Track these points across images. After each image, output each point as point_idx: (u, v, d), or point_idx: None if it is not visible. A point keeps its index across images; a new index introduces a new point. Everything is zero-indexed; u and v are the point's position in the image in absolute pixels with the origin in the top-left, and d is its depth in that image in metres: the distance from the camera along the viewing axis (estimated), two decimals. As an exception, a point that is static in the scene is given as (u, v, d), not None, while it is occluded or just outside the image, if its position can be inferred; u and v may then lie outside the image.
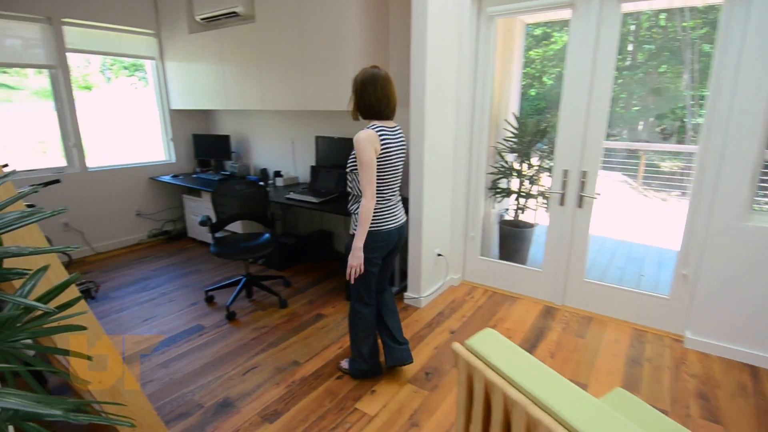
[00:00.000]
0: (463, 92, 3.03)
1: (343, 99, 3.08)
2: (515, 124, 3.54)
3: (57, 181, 2.75)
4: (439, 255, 3.17)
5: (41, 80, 3.72)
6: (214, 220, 2.99)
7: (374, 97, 1.87)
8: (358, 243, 1.88)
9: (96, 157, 4.13)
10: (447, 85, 2.89)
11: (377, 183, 1.89)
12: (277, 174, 4.00)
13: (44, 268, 0.98)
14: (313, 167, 3.71)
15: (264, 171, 3.75)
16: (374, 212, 1.92)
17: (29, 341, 0.89)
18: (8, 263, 0.98)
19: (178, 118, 4.70)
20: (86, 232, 4.07)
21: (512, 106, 3.72)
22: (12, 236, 1.18)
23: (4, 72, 3.55)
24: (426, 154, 2.78)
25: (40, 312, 0.92)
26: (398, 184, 2.04)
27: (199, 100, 4.27)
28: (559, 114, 2.81)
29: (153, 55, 4.43)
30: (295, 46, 3.26)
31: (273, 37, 3.40)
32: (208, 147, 4.58)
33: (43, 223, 3.80)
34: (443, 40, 2.75)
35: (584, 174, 2.79)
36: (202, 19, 3.93)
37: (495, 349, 1.13)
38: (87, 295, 2.93)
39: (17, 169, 3.63)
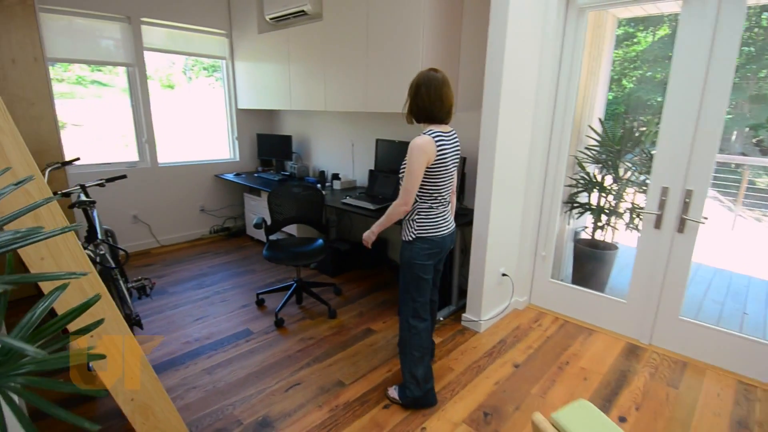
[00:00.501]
0: (542, 93, 2.70)
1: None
2: (600, 130, 3.12)
3: (123, 177, 2.81)
4: (504, 275, 2.85)
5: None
6: (269, 222, 2.91)
7: (427, 100, 1.80)
8: (375, 228, 1.98)
9: (167, 153, 4.28)
10: (525, 85, 2.58)
11: (433, 188, 1.86)
12: (335, 177, 3.88)
13: (62, 288, 0.85)
14: (371, 171, 3.54)
15: (322, 173, 3.65)
16: (429, 218, 1.90)
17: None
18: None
19: (244, 117, 4.77)
20: (153, 224, 4.23)
21: (597, 110, 3.30)
22: (49, 249, 1.10)
23: (99, 70, 3.76)
24: (496, 162, 2.49)
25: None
26: (451, 190, 1.98)
27: (264, 100, 4.28)
28: (661, 121, 2.39)
29: (224, 55, 4.52)
30: (361, 44, 3.11)
31: (339, 36, 3.27)
32: (270, 147, 4.60)
33: (113, 216, 4.01)
34: (524, 35, 2.44)
35: (689, 193, 2.34)
36: (272, 18, 3.92)
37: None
38: (142, 292, 2.96)
39: (98, 162, 3.83)
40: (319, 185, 3.73)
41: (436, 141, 1.77)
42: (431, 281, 2.00)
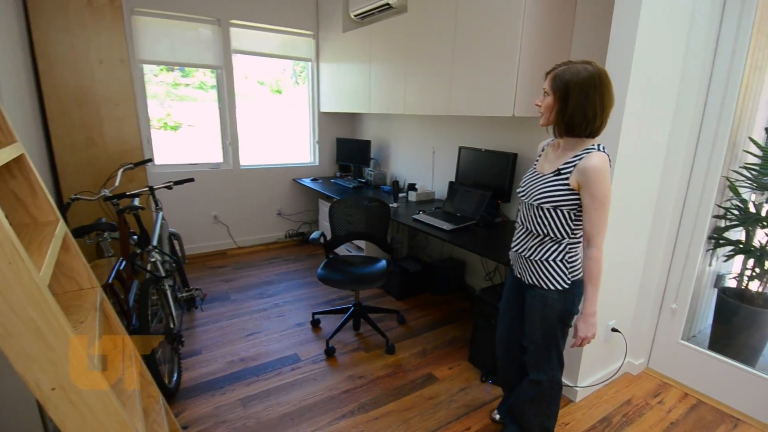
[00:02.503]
0: (687, 95, 1.99)
1: (498, 103, 2.37)
2: (765, 143, 2.26)
3: (191, 180, 2.72)
4: (615, 330, 2.18)
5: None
6: (328, 237, 2.61)
7: (599, 107, 1.34)
8: (593, 308, 1.45)
9: (250, 156, 4.28)
10: (661, 86, 1.91)
11: (585, 223, 1.41)
12: (411, 187, 3.47)
13: None
14: (451, 183, 3.06)
15: (395, 183, 3.27)
16: (573, 258, 1.48)
17: None
18: None
19: (326, 120, 4.61)
20: (231, 225, 4.25)
21: (762, 117, 2.41)
22: None
23: (197, 70, 3.87)
24: (612, 184, 1.86)
25: None
26: None
27: (344, 103, 4.05)
28: None
29: (310, 56, 4.41)
30: (447, 38, 2.67)
31: (423, 30, 2.87)
32: (348, 152, 4.37)
33: (195, 215, 4.08)
34: (662, 21, 1.79)
35: None
36: (357, 15, 3.67)
37: None
38: (191, 304, 2.87)
39: (185, 162, 3.94)
40: (391, 196, 3.36)
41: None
42: None
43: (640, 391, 2.22)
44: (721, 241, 2.37)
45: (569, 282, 1.48)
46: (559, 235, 1.46)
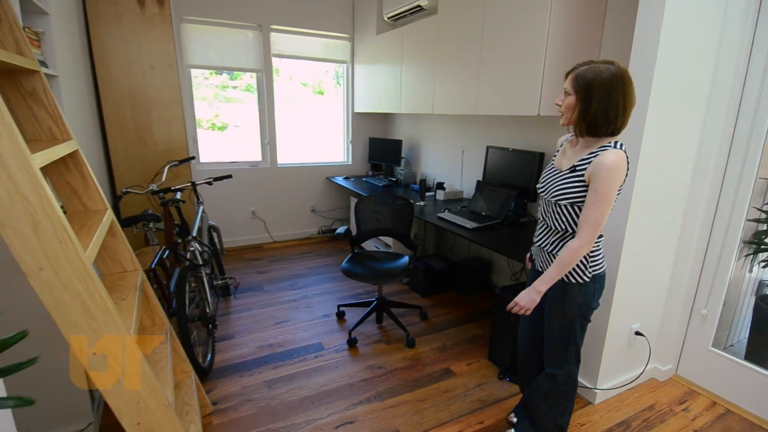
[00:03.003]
0: (720, 90, 1.91)
1: (524, 102, 2.37)
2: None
3: (229, 176, 2.92)
4: (639, 334, 2.13)
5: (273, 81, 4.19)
6: (354, 232, 2.71)
7: (621, 107, 1.34)
8: (544, 287, 1.48)
9: (287, 154, 4.47)
10: (689, 85, 1.85)
11: (581, 214, 1.43)
12: (440, 186, 3.51)
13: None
14: (478, 182, 3.08)
15: (423, 182, 3.33)
16: (601, 250, 1.53)
17: None
18: None
19: (359, 120, 4.73)
20: (267, 221, 4.46)
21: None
22: (48, 259, 1.02)
23: (245, 73, 4.11)
24: (636, 184, 1.83)
25: None
26: None
27: (377, 103, 4.14)
28: None
29: (346, 58, 4.54)
30: (475, 38, 2.69)
31: (452, 30, 2.91)
32: (380, 151, 4.46)
33: (235, 210, 4.33)
34: (691, 19, 1.73)
35: None
36: (390, 17, 3.76)
37: None
38: (226, 291, 3.05)
39: (227, 161, 4.19)
40: (412, 198, 3.42)
41: (627, 160, 1.39)
42: None
43: (665, 397, 2.15)
44: (762, 246, 2.25)
45: (590, 276, 1.49)
46: (574, 230, 1.47)
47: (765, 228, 2.21)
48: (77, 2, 2.68)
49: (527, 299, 1.49)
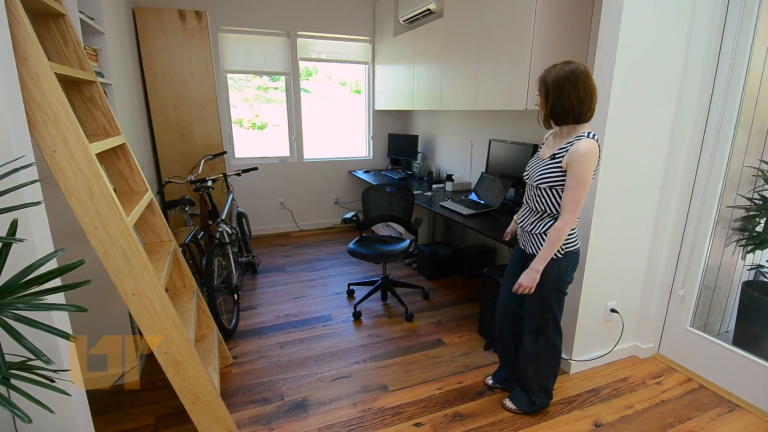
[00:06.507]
0: (691, 79, 2.04)
1: (513, 98, 2.58)
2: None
3: (255, 169, 3.32)
4: (614, 311, 2.29)
5: (302, 83, 4.60)
6: (361, 218, 3.02)
7: (576, 98, 1.57)
8: (540, 265, 1.69)
9: (313, 149, 4.86)
10: (657, 74, 1.99)
11: (562, 197, 1.65)
12: (449, 178, 3.74)
13: (55, 253, 1.08)
14: (482, 174, 3.29)
15: (430, 173, 3.57)
16: (574, 230, 1.75)
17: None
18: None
19: (380, 117, 5.03)
20: (294, 211, 4.87)
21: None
22: (101, 220, 1.39)
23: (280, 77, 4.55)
24: (601, 168, 2.01)
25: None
26: None
27: (394, 101, 4.42)
28: None
29: (367, 60, 4.85)
30: (473, 38, 2.91)
31: (455, 31, 3.14)
32: (399, 146, 4.73)
33: (264, 201, 4.77)
34: (654, 12, 1.89)
35: None
36: (404, 20, 4.02)
37: None
38: (249, 267, 3.44)
39: (259, 156, 4.62)
40: (413, 188, 3.67)
41: (598, 146, 1.60)
42: None
43: (641, 372, 2.30)
44: (747, 234, 2.33)
45: (563, 252, 1.71)
46: (555, 211, 1.69)
47: (750, 215, 2.29)
48: (129, 19, 3.16)
49: (528, 279, 1.70)
